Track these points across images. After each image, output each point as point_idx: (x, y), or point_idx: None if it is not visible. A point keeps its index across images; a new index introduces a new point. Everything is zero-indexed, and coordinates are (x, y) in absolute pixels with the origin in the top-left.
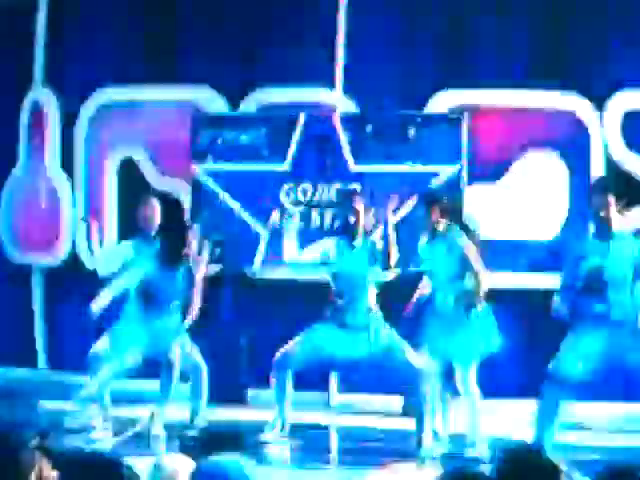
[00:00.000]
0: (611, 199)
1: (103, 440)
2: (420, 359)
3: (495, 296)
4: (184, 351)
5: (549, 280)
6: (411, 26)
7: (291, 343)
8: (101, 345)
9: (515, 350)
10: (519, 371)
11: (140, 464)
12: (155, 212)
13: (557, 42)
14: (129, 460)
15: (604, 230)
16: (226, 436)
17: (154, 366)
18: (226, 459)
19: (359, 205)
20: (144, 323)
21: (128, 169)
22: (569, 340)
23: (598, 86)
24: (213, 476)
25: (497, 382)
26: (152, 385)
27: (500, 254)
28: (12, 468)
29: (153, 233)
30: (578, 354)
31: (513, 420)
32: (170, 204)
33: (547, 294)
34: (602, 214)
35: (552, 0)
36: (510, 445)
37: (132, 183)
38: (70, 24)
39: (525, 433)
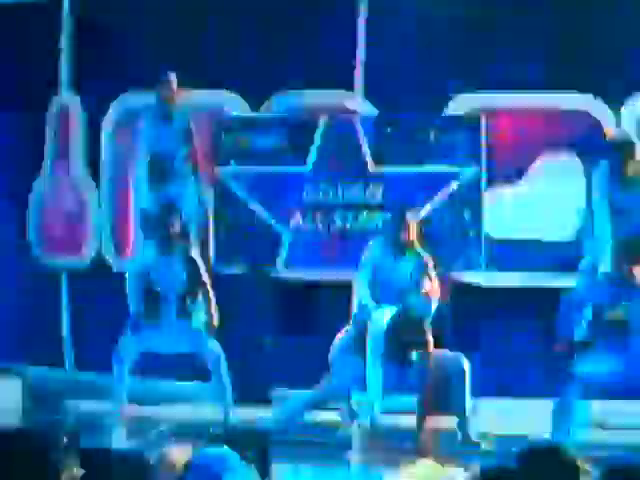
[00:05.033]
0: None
1: (121, 438)
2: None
3: (515, 295)
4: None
5: (568, 280)
6: (430, 29)
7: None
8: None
9: (534, 349)
10: (538, 370)
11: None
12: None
13: (575, 44)
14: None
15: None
16: (251, 435)
17: (175, 366)
18: (216, 450)
19: (411, 220)
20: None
21: None
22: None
23: (615, 88)
24: (204, 466)
25: (517, 381)
26: (174, 384)
27: (519, 254)
28: (43, 468)
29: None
30: (598, 357)
31: (533, 419)
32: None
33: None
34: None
35: (569, 3)
36: (530, 444)
37: None
38: (95, 29)
39: (545, 432)
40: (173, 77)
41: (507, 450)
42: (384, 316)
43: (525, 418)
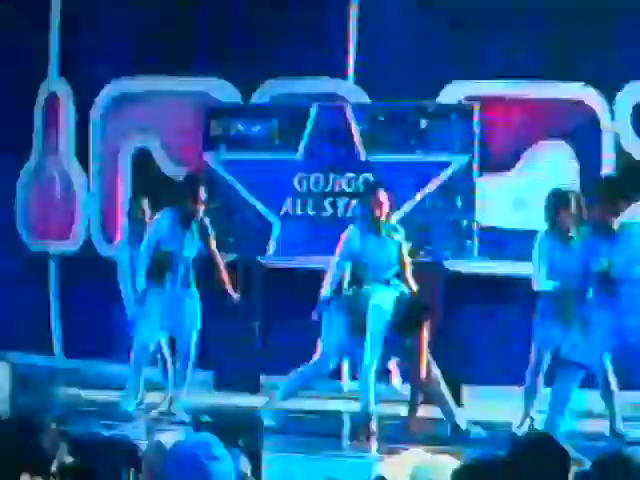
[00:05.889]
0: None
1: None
2: None
3: (506, 284)
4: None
5: None
6: (423, 16)
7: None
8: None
9: (526, 337)
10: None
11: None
12: (145, 213)
13: (569, 33)
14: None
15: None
16: (240, 423)
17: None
18: (199, 437)
19: (382, 197)
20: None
21: (142, 159)
22: (575, 326)
23: (609, 77)
24: (187, 453)
25: (509, 368)
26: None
27: (511, 242)
28: (33, 454)
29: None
30: (584, 338)
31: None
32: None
33: None
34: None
35: None
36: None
37: (146, 172)
38: (86, 15)
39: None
40: (203, 191)
41: (498, 438)
42: (382, 299)
43: (516, 406)
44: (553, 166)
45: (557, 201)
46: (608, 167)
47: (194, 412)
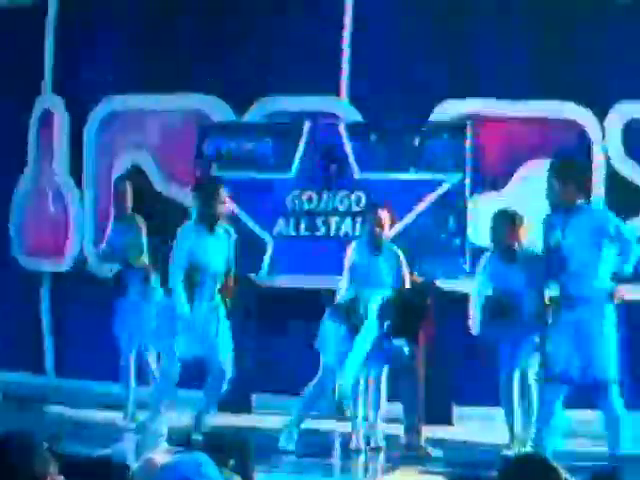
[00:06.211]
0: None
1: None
2: None
3: None
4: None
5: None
6: (416, 35)
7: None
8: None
9: None
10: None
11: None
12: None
13: (559, 52)
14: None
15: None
16: (231, 442)
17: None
18: (190, 456)
19: (384, 216)
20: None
21: (135, 176)
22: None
23: (600, 96)
24: (177, 472)
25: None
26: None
27: None
28: (23, 475)
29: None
30: (557, 350)
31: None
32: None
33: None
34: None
35: (554, 11)
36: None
37: (139, 190)
38: (80, 32)
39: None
40: (223, 189)
41: (489, 458)
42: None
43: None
44: (544, 184)
45: (501, 221)
46: (598, 185)
47: (186, 432)
